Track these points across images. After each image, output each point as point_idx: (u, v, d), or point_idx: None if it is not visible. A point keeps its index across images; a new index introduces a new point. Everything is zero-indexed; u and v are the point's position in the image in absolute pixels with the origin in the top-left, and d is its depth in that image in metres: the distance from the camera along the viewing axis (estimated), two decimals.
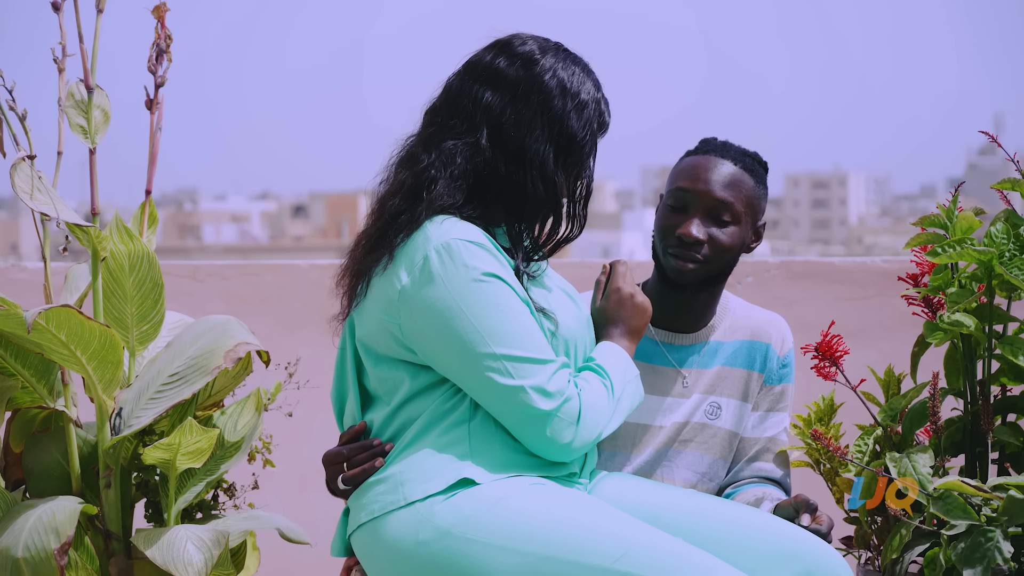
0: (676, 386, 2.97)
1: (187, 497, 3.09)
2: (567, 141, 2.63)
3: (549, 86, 2.62)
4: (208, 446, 3.00)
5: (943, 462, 2.85)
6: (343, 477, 2.64)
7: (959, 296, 2.84)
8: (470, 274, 2.52)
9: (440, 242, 2.54)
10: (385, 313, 2.58)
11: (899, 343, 4.59)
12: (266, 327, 4.60)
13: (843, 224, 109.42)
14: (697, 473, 2.97)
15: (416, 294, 2.54)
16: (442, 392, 2.59)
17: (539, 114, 2.61)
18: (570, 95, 2.63)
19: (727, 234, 2.91)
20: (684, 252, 2.89)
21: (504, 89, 2.62)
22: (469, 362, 2.53)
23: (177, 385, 3.01)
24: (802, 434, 3.01)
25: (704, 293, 2.96)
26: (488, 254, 2.55)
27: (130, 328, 3.16)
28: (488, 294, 2.53)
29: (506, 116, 2.61)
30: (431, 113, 2.67)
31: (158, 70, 3.26)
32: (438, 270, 2.53)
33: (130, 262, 3.14)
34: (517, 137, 2.60)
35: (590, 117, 2.66)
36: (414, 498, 2.53)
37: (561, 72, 2.64)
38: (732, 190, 2.91)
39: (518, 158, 2.60)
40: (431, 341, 2.55)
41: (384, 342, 2.60)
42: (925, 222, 2.92)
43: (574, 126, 2.63)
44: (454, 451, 2.55)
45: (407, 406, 2.61)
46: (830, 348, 2.87)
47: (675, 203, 2.93)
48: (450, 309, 2.52)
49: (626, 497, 2.70)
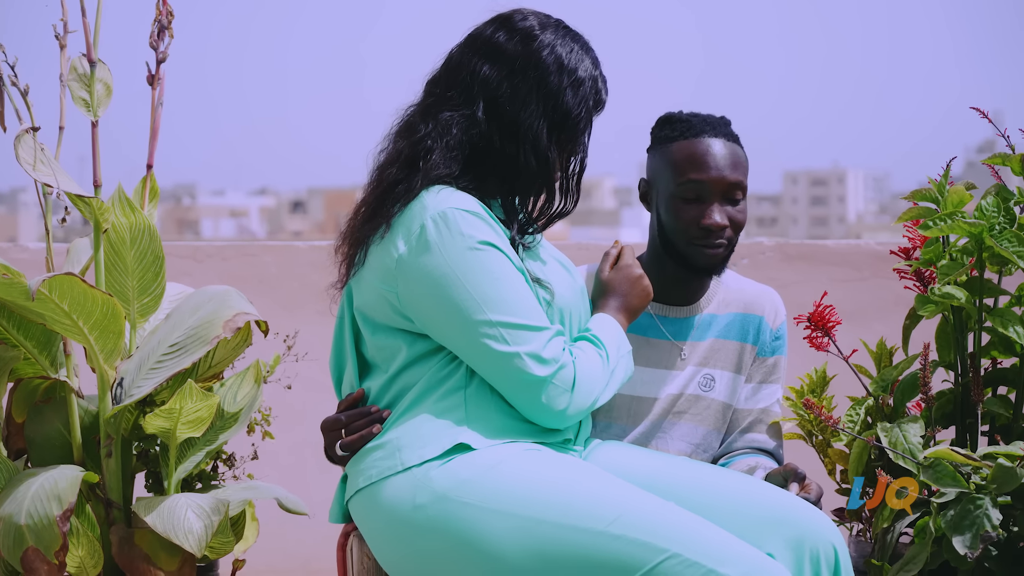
0: (672, 358, 3.01)
1: (187, 466, 3.12)
2: (561, 117, 2.66)
3: (546, 62, 2.66)
4: (208, 414, 3.03)
5: (933, 433, 2.88)
6: (341, 443, 2.67)
7: (950, 269, 2.87)
8: (466, 242, 2.56)
9: (437, 211, 2.57)
10: (382, 281, 2.61)
11: (894, 324, 4.61)
12: (265, 307, 4.61)
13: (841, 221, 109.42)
14: (691, 444, 3.00)
15: (413, 262, 2.57)
16: (439, 359, 2.62)
17: (535, 89, 2.64)
18: (567, 71, 2.66)
19: (741, 211, 2.96)
20: (712, 241, 2.93)
21: (502, 63, 2.65)
22: (465, 329, 2.56)
23: (177, 355, 3.04)
24: (794, 406, 3.04)
25: None
26: (484, 223, 2.58)
27: (131, 300, 3.19)
28: (484, 262, 2.56)
29: (502, 90, 2.64)
30: (431, 84, 2.71)
31: (159, 46, 3.29)
32: (434, 238, 2.56)
33: (131, 235, 3.17)
34: (512, 111, 2.63)
35: (586, 94, 2.69)
36: (411, 463, 2.56)
37: (559, 48, 2.67)
38: (738, 168, 2.95)
39: (512, 132, 2.63)
40: (428, 309, 2.58)
41: (382, 310, 2.64)
42: (917, 196, 2.95)
43: (569, 102, 2.66)
44: (450, 417, 2.58)
45: (404, 373, 2.64)
46: (822, 318, 2.90)
47: (688, 195, 2.93)
48: (446, 277, 2.56)
49: (620, 463, 2.73)
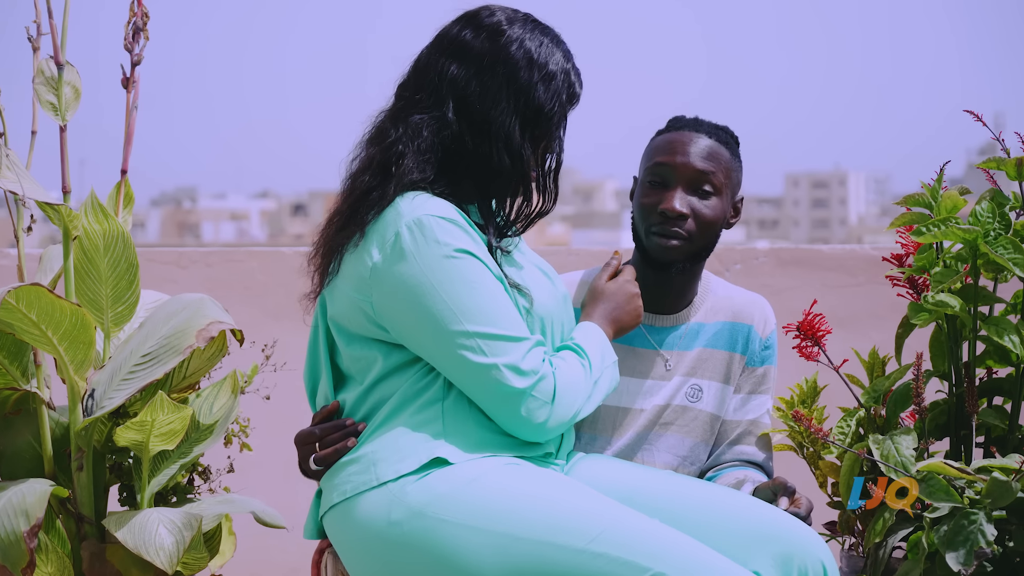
0: (658, 368, 2.93)
1: (160, 480, 3.04)
2: (534, 113, 2.59)
3: (515, 57, 2.58)
4: (181, 427, 2.95)
5: (927, 445, 2.80)
6: (315, 457, 2.60)
7: (944, 276, 2.79)
8: (442, 250, 2.48)
9: (412, 218, 2.50)
10: (356, 290, 2.54)
11: (889, 331, 4.53)
12: (251, 314, 4.56)
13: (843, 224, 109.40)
14: (678, 456, 2.92)
15: (387, 271, 2.50)
16: (416, 371, 2.55)
17: (505, 86, 2.57)
18: (537, 66, 2.59)
19: (709, 207, 2.87)
20: (668, 229, 2.85)
21: (470, 61, 2.58)
22: (441, 340, 2.49)
23: (149, 365, 2.97)
24: (784, 417, 2.96)
25: (686, 272, 2.91)
26: (460, 230, 2.51)
27: (105, 309, 3.12)
28: (460, 270, 2.49)
29: (471, 89, 2.57)
30: (401, 88, 2.64)
31: (134, 48, 3.22)
32: (409, 246, 2.49)
33: (105, 242, 3.10)
34: (482, 109, 2.56)
35: (558, 88, 2.61)
36: (386, 478, 2.49)
37: (528, 43, 2.60)
38: (711, 161, 2.87)
39: (484, 131, 2.56)
40: (403, 319, 2.51)
41: (356, 320, 2.56)
42: (910, 201, 2.87)
43: (541, 97, 2.59)
44: (427, 430, 2.51)
45: (380, 385, 2.57)
46: (812, 328, 2.82)
47: (654, 179, 2.88)
48: (422, 286, 2.48)
49: (603, 478, 2.66)
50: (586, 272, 2.98)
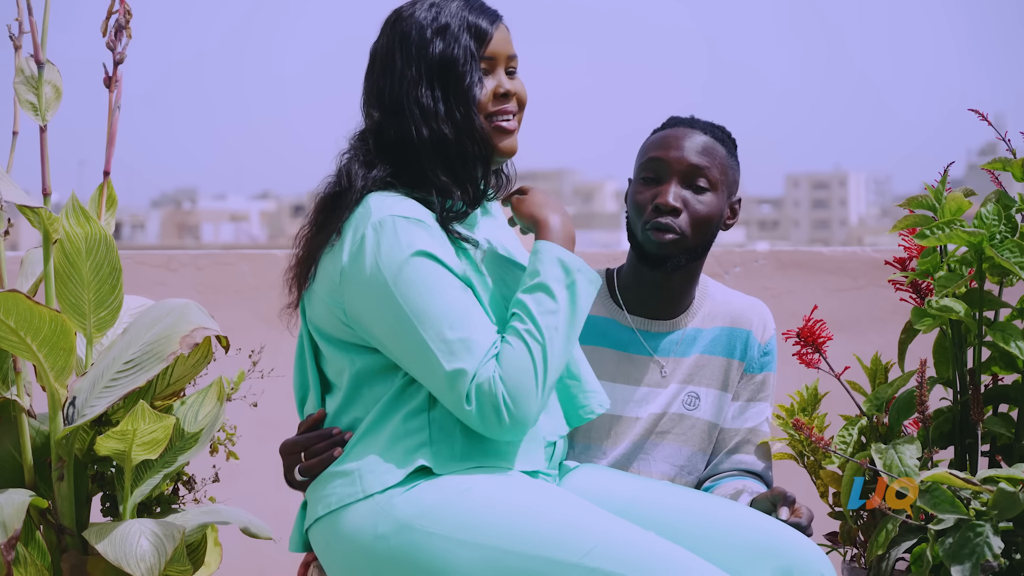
0: (653, 375, 2.85)
1: (144, 490, 2.96)
2: (438, 66, 2.51)
3: (408, 32, 2.53)
4: (164, 436, 2.88)
5: (931, 454, 2.72)
6: (300, 468, 2.53)
7: (948, 280, 2.71)
8: (401, 252, 2.42)
9: (377, 218, 2.45)
10: (329, 295, 2.49)
11: (891, 335, 4.45)
12: (242, 318, 4.48)
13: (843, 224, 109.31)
14: (675, 466, 2.84)
15: (353, 272, 2.45)
16: (399, 378, 2.48)
17: (405, 62, 2.52)
18: (430, 27, 2.52)
19: (703, 202, 2.80)
20: (662, 223, 2.78)
21: (379, 63, 2.56)
22: (402, 343, 2.43)
23: (132, 373, 2.89)
24: (784, 425, 2.88)
25: (681, 273, 2.83)
26: (422, 230, 2.44)
27: (87, 314, 3.04)
28: (418, 271, 2.42)
29: (384, 84, 2.53)
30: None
31: (117, 46, 3.13)
32: (371, 247, 2.44)
33: (87, 245, 3.02)
34: (394, 95, 2.52)
35: (456, 33, 2.52)
36: (373, 490, 2.42)
37: (420, 13, 2.54)
38: (706, 156, 2.81)
39: (398, 112, 2.51)
40: (369, 321, 2.46)
41: (332, 324, 2.51)
42: (913, 204, 2.79)
43: (439, 49, 2.51)
44: (413, 440, 2.44)
45: (364, 392, 2.50)
46: (812, 334, 2.74)
47: (648, 174, 2.82)
48: (382, 288, 2.42)
49: (597, 489, 2.58)
50: None
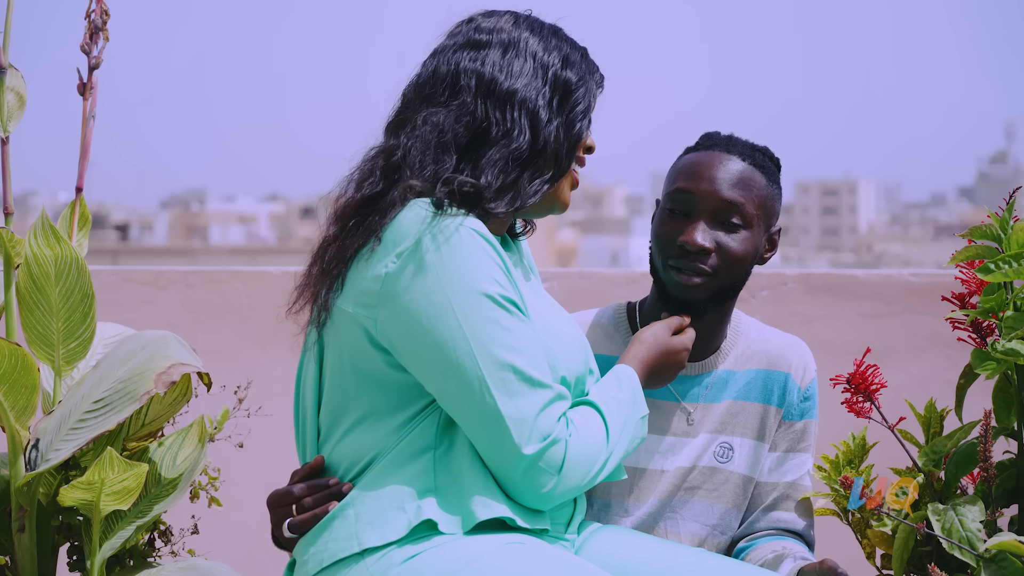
0: (679, 423, 2.55)
1: (114, 543, 2.67)
2: (563, 85, 2.29)
3: (532, 41, 2.31)
4: (137, 484, 2.58)
5: (995, 516, 2.42)
6: (290, 523, 2.24)
7: (1016, 321, 2.42)
8: (473, 283, 2.15)
9: (438, 226, 2.16)
10: (361, 305, 2.19)
11: (929, 365, 4.20)
12: (234, 340, 4.21)
13: (853, 232, 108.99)
14: (707, 525, 2.54)
15: (402, 282, 2.16)
16: (407, 413, 2.20)
17: (530, 59, 2.29)
18: (557, 48, 2.32)
19: (737, 240, 2.49)
20: (688, 264, 2.47)
21: (489, 47, 2.28)
22: (452, 370, 2.14)
23: (102, 414, 2.59)
24: (828, 479, 2.58)
25: (711, 313, 2.53)
26: (493, 261, 2.18)
27: (56, 345, 2.75)
28: (491, 310, 2.16)
29: (496, 68, 2.27)
30: (397, 115, 2.33)
31: (92, 50, 2.84)
32: (433, 259, 2.15)
33: (56, 269, 2.73)
34: (509, 85, 2.25)
35: (582, 69, 2.32)
36: (369, 544, 2.14)
37: (544, 31, 2.34)
38: (741, 189, 2.50)
39: (508, 103, 2.25)
40: (411, 341, 2.16)
41: (352, 344, 2.21)
42: (976, 234, 2.49)
43: (567, 73, 2.30)
44: (416, 485, 2.16)
45: (366, 427, 2.21)
46: (864, 380, 2.43)
47: (675, 207, 2.51)
48: (439, 308, 2.14)
49: (620, 556, 2.29)
50: (598, 313, 2.61)
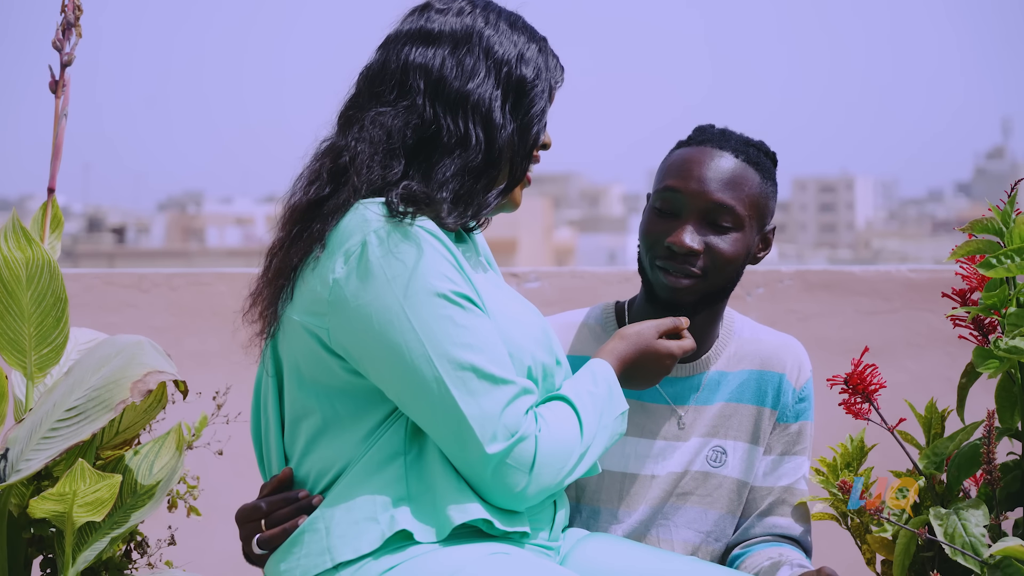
0: (670, 427, 2.46)
1: (88, 555, 2.58)
2: (516, 84, 2.20)
3: (488, 33, 2.22)
4: (110, 495, 2.50)
5: (999, 520, 2.34)
6: (259, 539, 2.16)
7: (1018, 318, 2.33)
8: (423, 283, 2.07)
9: (383, 225, 2.09)
10: (311, 313, 2.12)
11: (929, 363, 4.11)
12: (219, 343, 4.11)
13: (850, 228, 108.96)
14: (700, 532, 2.46)
15: (350, 288, 2.09)
16: (372, 419, 2.12)
17: (483, 58, 2.20)
18: (513, 41, 2.22)
19: (727, 242, 2.40)
20: (676, 265, 2.38)
21: (440, 42, 2.20)
22: (408, 374, 2.07)
23: (75, 423, 2.51)
24: (826, 482, 2.49)
25: (702, 314, 2.44)
26: (439, 244, 2.10)
27: (27, 351, 2.67)
28: (443, 308, 2.07)
29: (447, 67, 2.18)
30: (347, 106, 2.24)
31: (64, 47, 2.76)
32: (378, 262, 2.08)
33: (28, 272, 2.65)
34: (460, 86, 2.17)
35: (539, 65, 2.23)
36: (342, 558, 2.06)
37: (500, 21, 2.24)
38: (732, 190, 2.41)
39: (460, 106, 2.16)
40: (365, 347, 2.09)
41: (305, 353, 2.14)
42: (976, 228, 2.41)
43: (523, 70, 2.21)
44: (389, 493, 2.08)
45: (332, 436, 2.14)
46: (863, 380, 2.35)
47: (663, 206, 2.42)
48: (390, 311, 2.07)
49: (610, 566, 2.21)
50: (586, 313, 2.53)
